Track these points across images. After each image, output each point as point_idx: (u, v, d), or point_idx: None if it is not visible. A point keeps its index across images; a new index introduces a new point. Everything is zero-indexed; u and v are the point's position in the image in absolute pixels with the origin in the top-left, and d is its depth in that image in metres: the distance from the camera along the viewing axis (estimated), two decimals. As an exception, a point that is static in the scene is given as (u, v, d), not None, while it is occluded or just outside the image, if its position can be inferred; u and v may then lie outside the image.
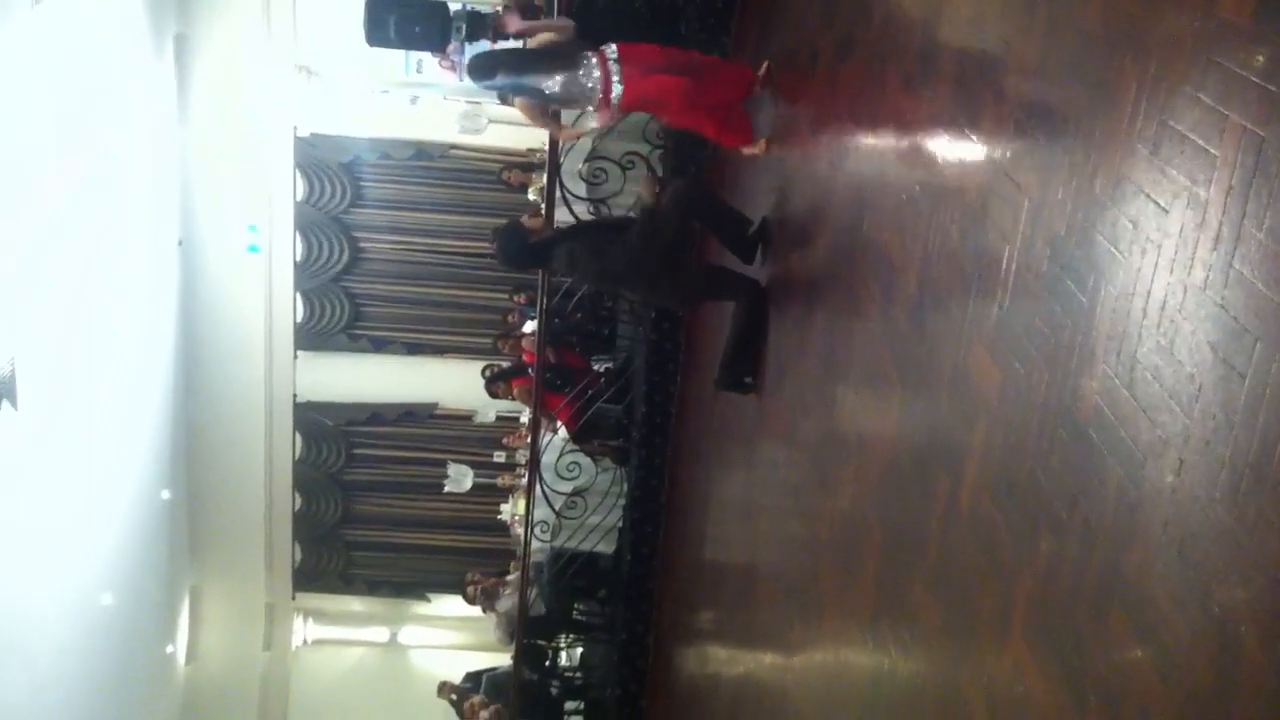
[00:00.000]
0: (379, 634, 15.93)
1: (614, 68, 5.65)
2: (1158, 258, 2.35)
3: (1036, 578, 2.75)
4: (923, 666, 3.49)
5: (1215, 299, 2.16)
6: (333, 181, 13.69)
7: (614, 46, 5.74)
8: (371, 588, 15.51)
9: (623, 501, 8.75)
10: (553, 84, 5.68)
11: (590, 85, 5.67)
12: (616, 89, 5.67)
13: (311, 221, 13.74)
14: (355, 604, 15.75)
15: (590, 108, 5.93)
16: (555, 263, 6.21)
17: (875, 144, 4.42)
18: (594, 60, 5.69)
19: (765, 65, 6.04)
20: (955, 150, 3.54)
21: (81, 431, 10.07)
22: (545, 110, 6.07)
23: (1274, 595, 1.95)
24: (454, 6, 9.31)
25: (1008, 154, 3.11)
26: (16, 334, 8.45)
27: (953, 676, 3.23)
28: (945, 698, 3.25)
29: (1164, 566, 2.24)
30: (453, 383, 13.97)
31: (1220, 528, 2.10)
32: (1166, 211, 2.33)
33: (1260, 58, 2.09)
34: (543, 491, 8.56)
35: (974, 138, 3.36)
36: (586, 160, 7.74)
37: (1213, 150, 2.20)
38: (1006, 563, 2.91)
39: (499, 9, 6.99)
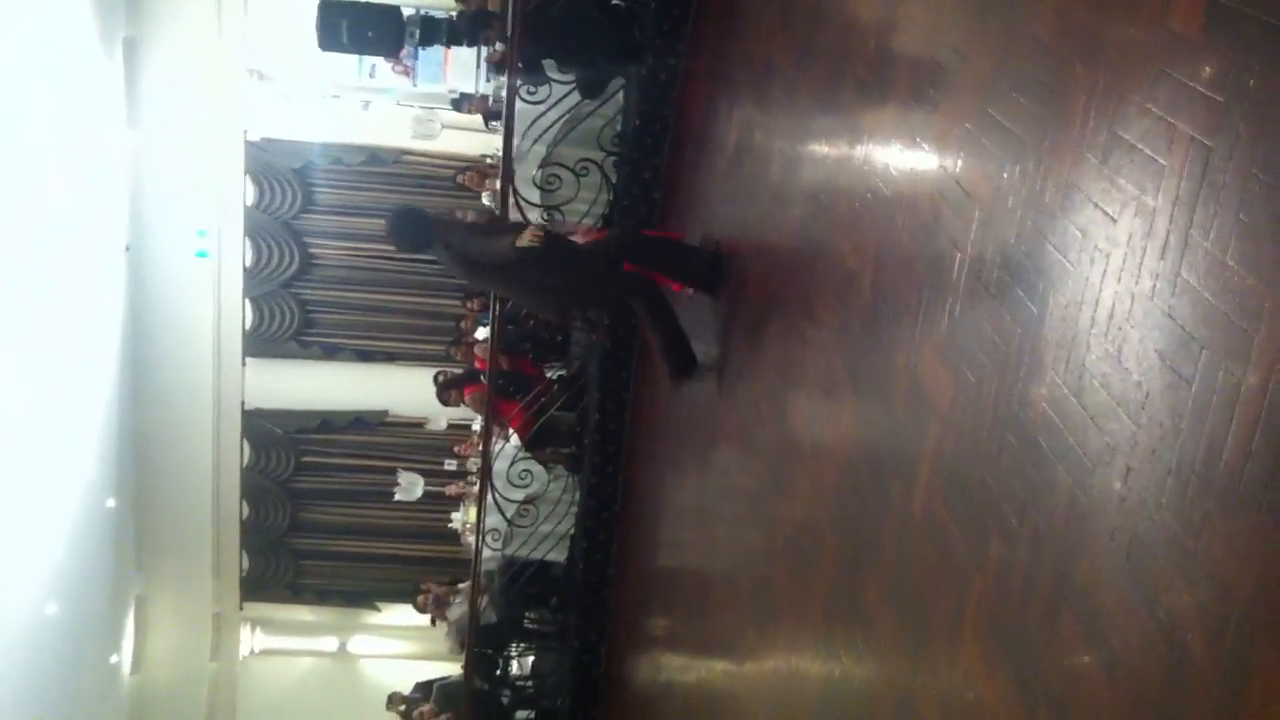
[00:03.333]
0: (328, 643, 15.77)
1: None
2: (1106, 266, 2.37)
3: (988, 583, 2.77)
4: (876, 672, 3.50)
5: (1163, 307, 2.18)
6: (284, 186, 13.56)
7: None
8: (321, 597, 15.35)
9: (575, 509, 8.72)
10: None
11: None
12: None
13: (261, 227, 13.60)
14: (304, 613, 15.58)
15: None
16: (450, 248, 5.81)
17: (829, 151, 4.44)
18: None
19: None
20: (907, 158, 3.56)
21: (25, 439, 9.90)
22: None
23: (1220, 600, 1.98)
24: (407, 12, 9.30)
25: (959, 162, 3.14)
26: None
27: (906, 682, 3.24)
28: (898, 703, 3.27)
29: (1112, 572, 2.26)
30: (404, 390, 13.87)
31: (1167, 534, 2.12)
32: (1115, 220, 2.36)
33: (1208, 69, 2.12)
34: (494, 499, 8.51)
35: (925, 146, 3.39)
36: (540, 166, 7.72)
37: (1161, 160, 2.23)
38: (958, 569, 2.92)
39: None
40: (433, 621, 10.48)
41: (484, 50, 9.35)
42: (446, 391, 9.75)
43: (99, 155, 11.65)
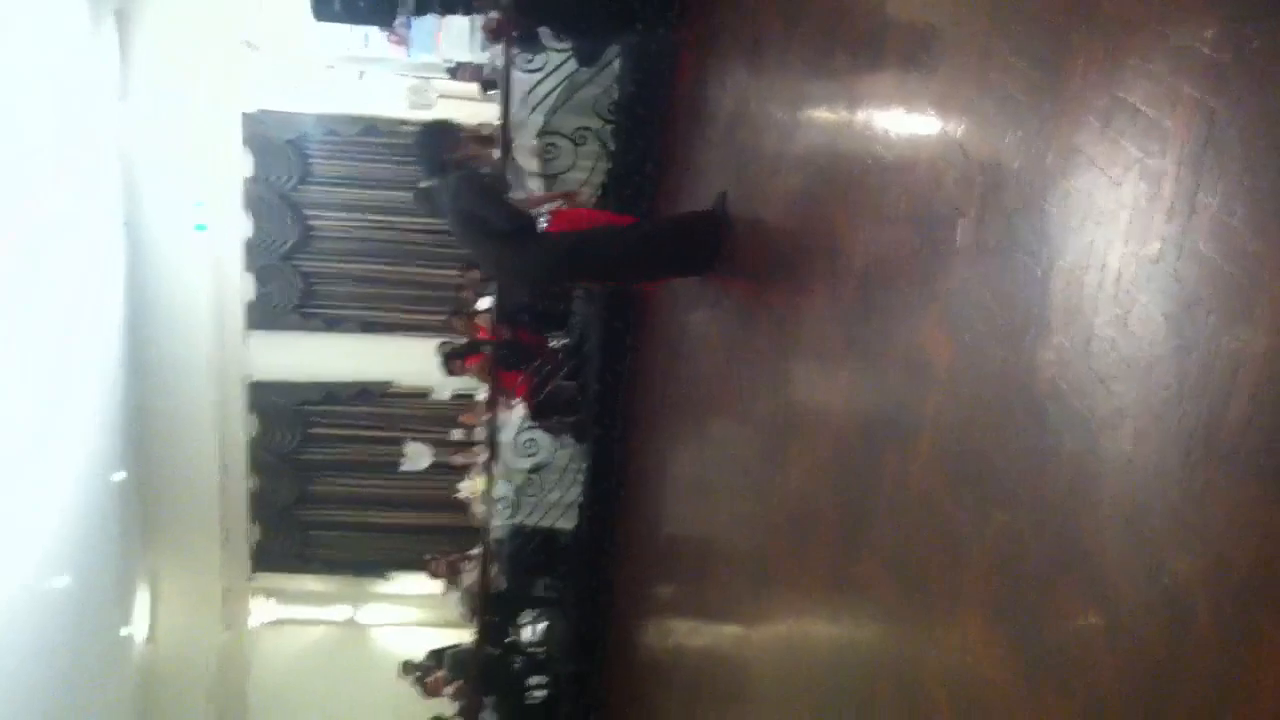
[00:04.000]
0: (339, 613, 15.88)
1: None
2: (1112, 230, 2.35)
3: (989, 550, 2.76)
4: (878, 638, 3.51)
5: (1169, 270, 2.16)
6: (281, 158, 13.51)
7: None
8: (330, 567, 15.44)
9: (582, 477, 8.74)
10: None
11: None
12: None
13: (260, 199, 13.57)
14: (314, 583, 15.67)
15: None
16: (453, 185, 5.76)
17: (826, 116, 4.40)
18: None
19: None
20: (906, 122, 3.53)
21: (31, 415, 9.92)
22: None
23: (1223, 566, 1.97)
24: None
25: (960, 126, 3.10)
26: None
27: (908, 649, 3.25)
28: (902, 670, 3.27)
29: (1115, 537, 2.26)
30: (408, 361, 13.86)
31: (1171, 499, 2.11)
32: (1119, 184, 2.33)
33: (1210, 30, 2.09)
34: (502, 468, 8.53)
35: (925, 110, 3.35)
36: (538, 136, 7.68)
37: (1165, 122, 2.20)
38: (960, 535, 2.92)
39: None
40: (447, 585, 10.48)
41: (478, 19, 9.26)
42: (451, 361, 9.77)
43: (93, 129, 11.60)
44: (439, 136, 5.90)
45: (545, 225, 5.92)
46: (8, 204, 9.24)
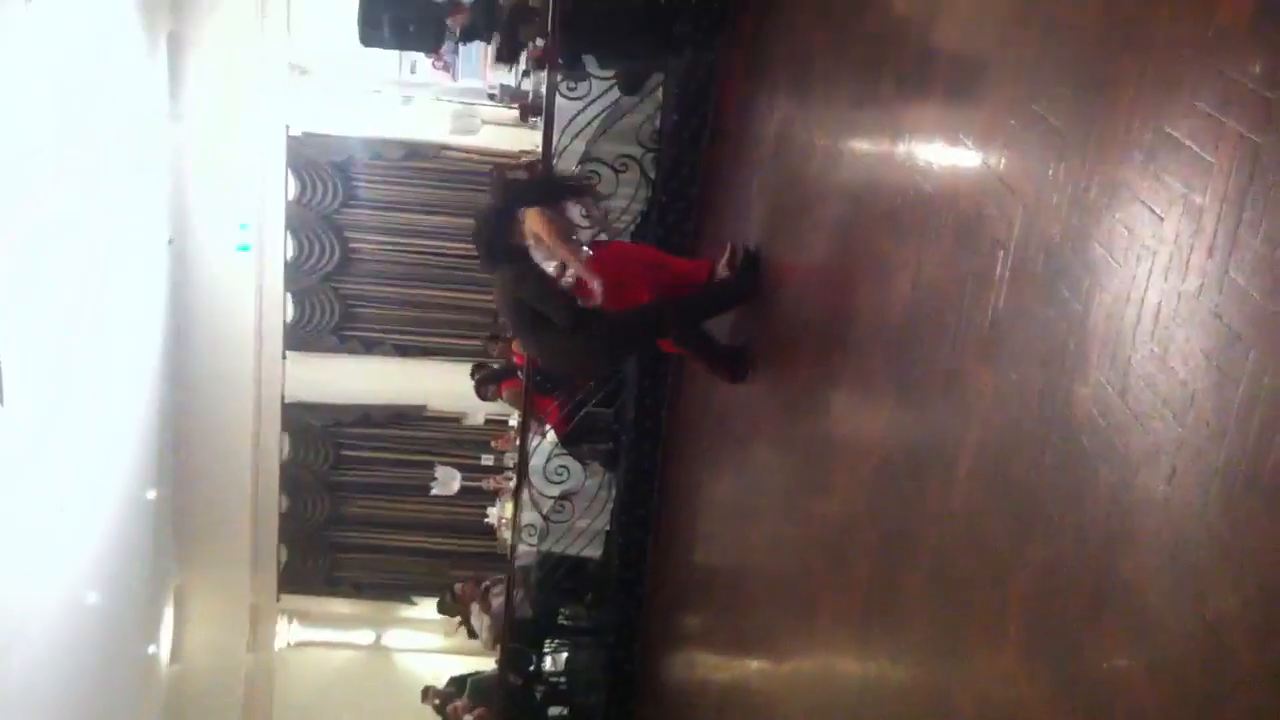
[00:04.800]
0: (364, 636, 15.87)
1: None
2: (1153, 264, 2.35)
3: (1029, 583, 2.74)
4: (913, 671, 3.48)
5: (1210, 306, 2.16)
6: (324, 181, 13.64)
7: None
8: (357, 590, 15.45)
9: (611, 505, 8.72)
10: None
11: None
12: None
13: (303, 221, 13.70)
14: (340, 606, 15.68)
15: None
16: (509, 274, 5.70)
17: (869, 147, 4.42)
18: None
19: (729, 250, 6.08)
20: (949, 154, 3.53)
21: (68, 430, 10.02)
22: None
23: (1265, 601, 1.95)
24: (448, 8, 9.32)
25: (1002, 158, 3.11)
26: (4, 332, 8.40)
27: (943, 682, 3.22)
28: (936, 703, 3.24)
29: (1157, 572, 2.24)
30: (442, 385, 13.92)
31: (1212, 534, 2.10)
32: (1162, 218, 2.33)
33: (1257, 65, 2.09)
34: (530, 495, 8.53)
35: (968, 141, 3.36)
36: (580, 163, 7.72)
37: (1209, 157, 2.20)
38: (999, 568, 2.90)
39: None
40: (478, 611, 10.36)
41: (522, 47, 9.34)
42: (485, 387, 9.79)
43: (142, 149, 11.77)
44: (497, 222, 5.81)
45: (588, 257, 5.90)
46: (60, 219, 9.38)
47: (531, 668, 10.21)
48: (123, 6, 10.82)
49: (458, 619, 10.54)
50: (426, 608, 15.22)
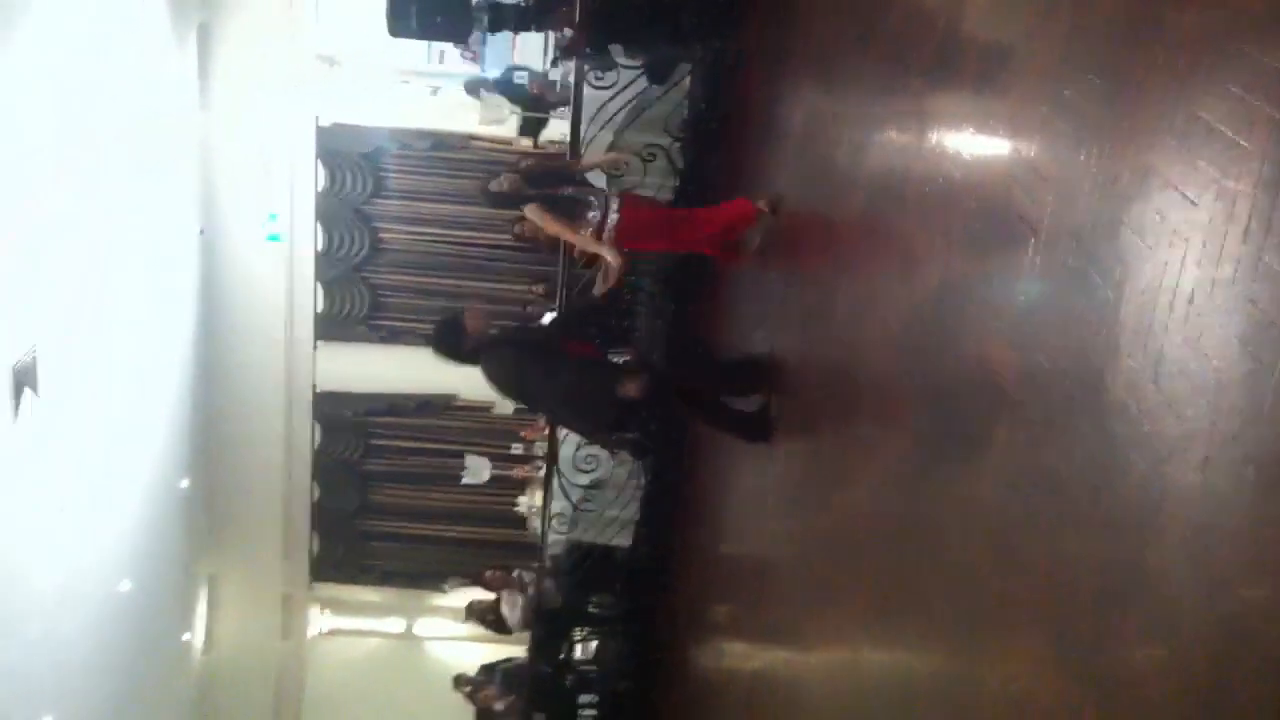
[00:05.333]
0: (395, 625, 15.97)
1: (613, 218, 6.09)
2: (1185, 251, 2.32)
3: (1055, 571, 2.72)
4: (939, 660, 3.46)
5: (1244, 293, 2.13)
6: (354, 172, 13.71)
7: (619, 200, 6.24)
8: (387, 578, 15.54)
9: (640, 495, 8.73)
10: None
11: (591, 214, 6.11)
12: (613, 218, 6.09)
13: (332, 211, 13.76)
14: (371, 594, 15.78)
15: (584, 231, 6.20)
16: (486, 365, 6.21)
17: (896, 135, 4.38)
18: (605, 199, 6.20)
19: (766, 200, 6.07)
20: (978, 141, 3.50)
21: (101, 419, 10.11)
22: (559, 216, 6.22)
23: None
24: (476, -2, 9.32)
25: (1032, 145, 3.08)
26: (38, 322, 8.49)
27: (967, 670, 3.20)
28: (959, 693, 3.23)
29: (1186, 562, 2.22)
30: (471, 374, 13.90)
31: (1244, 524, 2.07)
32: (1194, 204, 2.30)
33: (1292, 48, 2.06)
34: (560, 484, 8.55)
35: (997, 128, 3.33)
36: (607, 152, 7.71)
37: (1242, 142, 2.17)
38: (1026, 555, 2.88)
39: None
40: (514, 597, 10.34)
41: (552, 37, 9.34)
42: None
43: (172, 139, 11.85)
44: (451, 330, 6.18)
45: (616, 219, 6.03)
46: (91, 209, 9.45)
47: (561, 656, 10.24)
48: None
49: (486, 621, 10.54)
50: (457, 596, 15.32)
